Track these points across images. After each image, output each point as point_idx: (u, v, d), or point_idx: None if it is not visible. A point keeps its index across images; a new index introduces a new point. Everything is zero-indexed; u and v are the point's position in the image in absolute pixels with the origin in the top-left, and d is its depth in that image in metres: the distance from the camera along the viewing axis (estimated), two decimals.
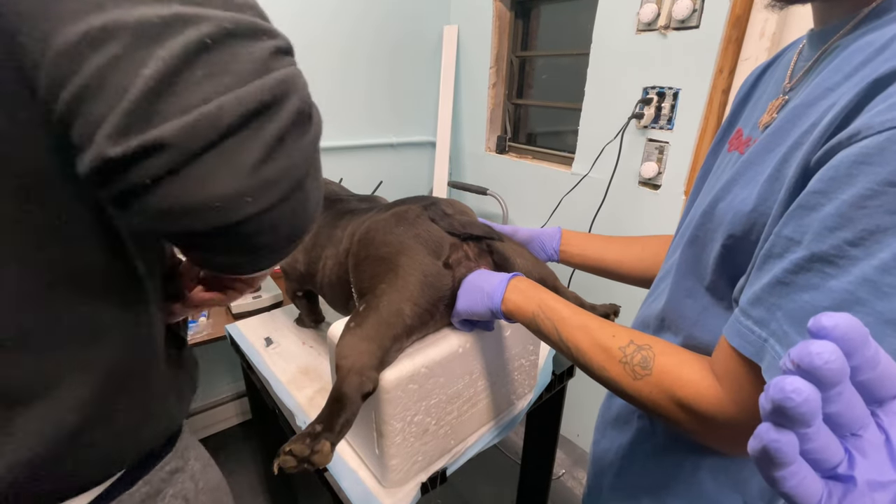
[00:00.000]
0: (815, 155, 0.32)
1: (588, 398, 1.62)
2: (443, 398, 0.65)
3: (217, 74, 0.26)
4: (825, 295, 0.29)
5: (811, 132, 0.33)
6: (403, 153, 2.04)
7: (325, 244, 0.78)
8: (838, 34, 0.37)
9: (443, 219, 0.64)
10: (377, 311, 0.56)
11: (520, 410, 0.82)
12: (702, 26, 1.11)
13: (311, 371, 0.90)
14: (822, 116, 0.33)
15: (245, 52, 0.27)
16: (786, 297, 0.31)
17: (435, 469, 0.68)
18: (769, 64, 0.51)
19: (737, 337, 0.35)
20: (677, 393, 0.39)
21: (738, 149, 0.46)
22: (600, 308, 0.64)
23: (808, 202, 0.31)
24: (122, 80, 0.25)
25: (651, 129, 1.27)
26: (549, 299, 0.52)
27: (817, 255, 0.30)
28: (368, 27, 1.74)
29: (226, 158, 0.27)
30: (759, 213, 0.36)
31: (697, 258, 0.44)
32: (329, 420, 0.49)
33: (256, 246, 0.32)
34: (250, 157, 0.28)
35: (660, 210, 1.29)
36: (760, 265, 0.34)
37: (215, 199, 0.27)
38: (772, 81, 0.47)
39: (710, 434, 0.39)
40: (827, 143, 0.31)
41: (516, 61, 1.82)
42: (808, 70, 0.40)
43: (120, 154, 0.25)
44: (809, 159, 0.32)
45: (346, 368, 0.53)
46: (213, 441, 1.76)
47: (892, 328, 0.27)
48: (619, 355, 0.43)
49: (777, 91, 0.44)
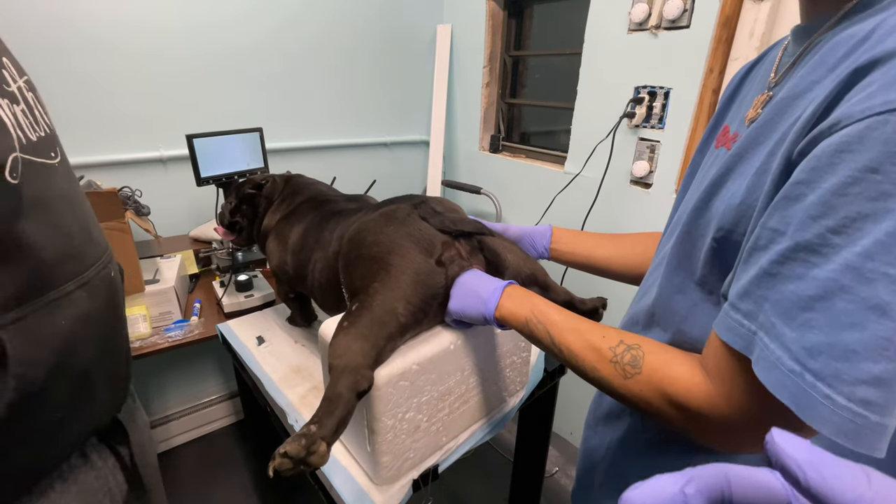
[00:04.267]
0: (797, 146, 0.32)
1: (581, 396, 1.63)
2: (434, 395, 0.65)
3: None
4: (810, 284, 0.29)
5: (795, 125, 0.33)
6: (397, 152, 2.03)
7: (313, 247, 0.78)
8: (823, 28, 0.37)
9: (433, 217, 0.64)
10: (370, 309, 0.56)
11: (511, 407, 0.82)
12: (692, 26, 1.12)
13: (302, 369, 0.89)
14: (805, 108, 0.33)
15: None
16: (772, 289, 0.32)
17: (427, 466, 0.68)
18: (755, 62, 0.51)
19: (727, 331, 0.35)
20: (667, 390, 0.39)
21: (724, 145, 0.47)
22: (589, 302, 0.65)
23: (791, 193, 0.31)
24: None
25: (642, 129, 1.28)
26: (541, 304, 0.52)
27: (801, 245, 0.30)
28: (362, 26, 1.74)
29: None
30: (747, 206, 0.37)
31: (688, 254, 0.44)
32: (324, 420, 0.49)
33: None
34: None
35: (651, 208, 1.30)
36: (747, 258, 0.35)
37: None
38: (757, 78, 0.48)
39: (702, 430, 0.39)
40: (808, 134, 0.31)
41: (509, 61, 1.83)
42: (792, 65, 0.41)
43: None
44: (792, 151, 0.32)
45: (341, 367, 0.52)
46: (204, 441, 1.74)
47: (877, 314, 0.27)
48: (610, 355, 0.43)
49: (762, 87, 0.44)
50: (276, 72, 1.60)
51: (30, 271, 0.42)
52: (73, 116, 1.29)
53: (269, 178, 0.97)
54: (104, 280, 0.53)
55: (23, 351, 0.40)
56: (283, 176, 0.98)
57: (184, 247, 1.41)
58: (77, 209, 0.50)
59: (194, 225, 1.53)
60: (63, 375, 0.46)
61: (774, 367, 0.30)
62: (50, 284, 0.44)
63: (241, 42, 1.51)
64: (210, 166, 1.17)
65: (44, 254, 0.43)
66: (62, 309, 0.45)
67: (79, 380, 0.48)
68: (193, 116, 1.48)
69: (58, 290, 0.45)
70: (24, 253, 0.42)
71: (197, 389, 1.73)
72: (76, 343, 0.47)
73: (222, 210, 1.01)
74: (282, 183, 0.95)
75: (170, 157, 1.45)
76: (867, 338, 0.27)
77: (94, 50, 1.28)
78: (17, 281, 0.41)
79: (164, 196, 1.46)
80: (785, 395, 0.30)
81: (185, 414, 1.71)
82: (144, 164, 1.43)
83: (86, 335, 0.49)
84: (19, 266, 0.41)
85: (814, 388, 0.29)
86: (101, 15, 1.26)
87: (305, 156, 1.76)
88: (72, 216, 0.49)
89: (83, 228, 0.51)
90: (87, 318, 0.49)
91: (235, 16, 1.47)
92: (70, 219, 0.49)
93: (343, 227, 0.71)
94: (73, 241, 0.48)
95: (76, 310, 0.47)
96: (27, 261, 0.42)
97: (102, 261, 0.53)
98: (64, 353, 0.45)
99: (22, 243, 0.41)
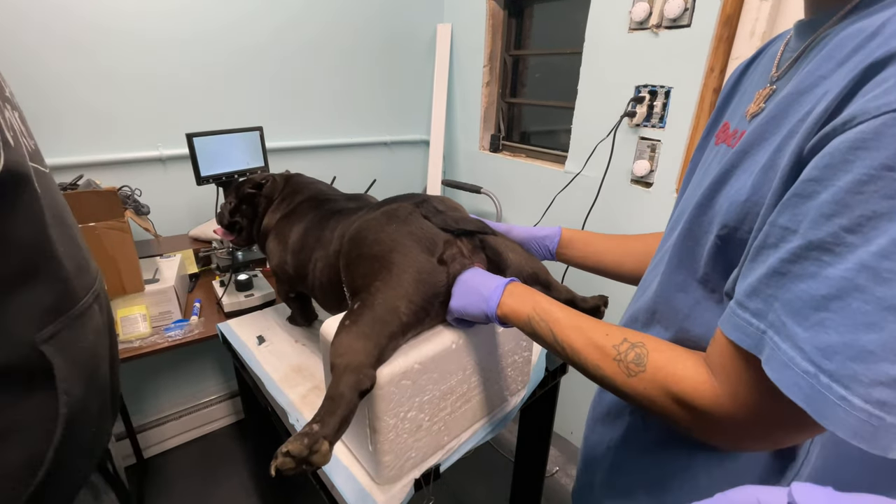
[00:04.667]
0: (808, 143, 0.31)
1: (582, 395, 1.63)
2: (436, 394, 0.65)
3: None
4: (823, 283, 0.29)
5: (804, 120, 0.33)
6: (397, 152, 2.03)
7: (313, 246, 0.77)
8: (829, 22, 0.37)
9: (435, 215, 0.64)
10: (372, 308, 0.56)
11: (513, 407, 0.82)
12: (693, 25, 1.12)
13: (303, 369, 0.89)
14: (815, 104, 0.33)
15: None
16: (783, 288, 0.31)
17: (428, 465, 0.68)
18: (753, 58, 0.51)
19: (734, 330, 0.35)
20: (672, 388, 0.39)
21: (725, 141, 0.47)
22: (591, 300, 0.65)
23: (803, 190, 0.31)
24: None
25: (643, 128, 1.28)
26: (543, 301, 0.52)
27: (814, 243, 0.30)
28: (362, 26, 1.74)
29: None
30: (753, 203, 0.36)
31: (690, 251, 0.44)
32: (326, 419, 0.49)
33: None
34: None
35: (652, 208, 1.30)
36: (755, 256, 0.34)
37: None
38: (756, 74, 0.47)
39: (707, 429, 0.39)
40: (821, 130, 0.31)
41: (510, 60, 1.82)
42: (796, 59, 0.40)
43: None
44: (803, 147, 0.32)
45: (343, 366, 0.52)
46: (205, 441, 1.74)
47: (894, 314, 0.27)
48: (613, 353, 0.43)
49: (764, 81, 0.44)
50: (276, 71, 1.60)
51: (60, 283, 0.41)
52: (72, 115, 1.28)
53: (269, 177, 0.96)
54: (105, 293, 0.52)
55: (63, 366, 0.39)
56: (282, 175, 0.98)
57: (183, 246, 1.41)
58: (72, 219, 0.50)
59: (194, 224, 1.53)
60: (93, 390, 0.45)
61: (787, 367, 0.30)
62: (75, 297, 0.44)
63: (242, 41, 1.51)
64: (210, 165, 1.17)
65: (68, 265, 0.43)
66: (86, 322, 0.45)
67: (102, 394, 0.48)
68: (193, 115, 1.48)
69: (81, 304, 0.44)
70: (54, 265, 0.41)
71: (197, 389, 1.72)
72: (98, 357, 0.47)
73: (221, 210, 1.00)
74: (282, 182, 0.95)
75: (169, 156, 1.44)
76: (884, 338, 0.27)
77: (94, 48, 1.27)
78: (52, 294, 0.40)
79: (164, 195, 1.46)
80: (799, 395, 0.29)
81: (185, 413, 1.70)
82: (144, 163, 1.42)
83: (103, 350, 0.49)
84: (51, 278, 0.40)
85: (829, 389, 0.28)
86: (101, 12, 1.26)
87: (306, 155, 1.76)
88: (75, 226, 0.49)
89: (81, 238, 0.50)
90: (101, 332, 0.48)
91: (237, 15, 1.47)
92: (74, 229, 0.48)
93: (344, 226, 0.71)
94: (81, 252, 0.48)
95: (94, 323, 0.47)
96: (58, 272, 0.41)
97: (99, 273, 0.52)
98: (91, 367, 0.45)
99: (53, 255, 0.41)
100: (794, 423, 0.33)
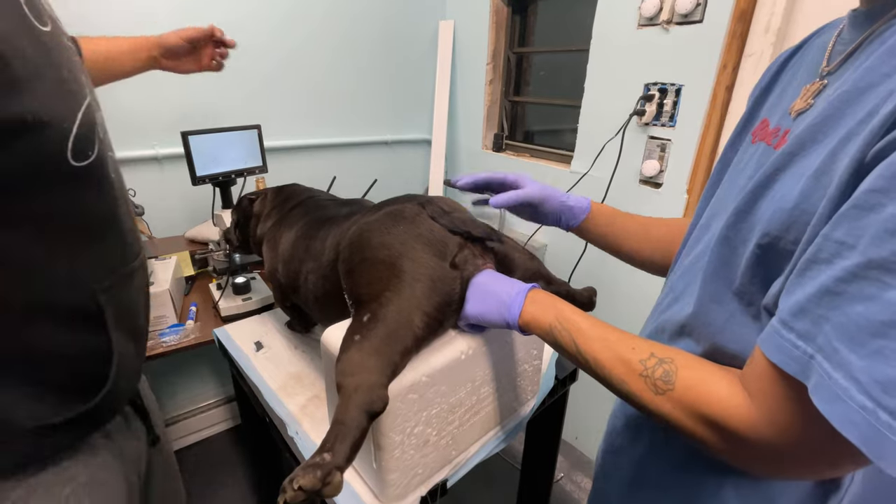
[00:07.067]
0: (872, 148, 0.28)
1: (587, 401, 1.59)
2: (444, 407, 0.61)
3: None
4: (882, 307, 0.26)
5: (867, 122, 0.29)
6: (399, 151, 2.00)
7: (303, 257, 0.74)
8: (890, 13, 0.34)
9: (443, 217, 0.60)
10: (385, 322, 0.51)
11: (523, 417, 0.79)
12: (705, 21, 1.09)
13: (303, 377, 0.86)
14: (879, 105, 0.29)
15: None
16: (835, 309, 0.28)
17: (435, 482, 0.65)
18: (795, 50, 0.47)
19: (777, 352, 0.31)
20: (703, 410, 0.36)
21: (764, 139, 0.43)
22: (586, 293, 0.64)
23: (864, 202, 0.27)
24: None
25: (653, 127, 1.25)
26: (567, 310, 0.49)
27: (875, 262, 0.26)
28: (363, 23, 1.70)
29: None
30: (801, 212, 0.33)
31: (726, 261, 0.40)
32: (336, 446, 0.44)
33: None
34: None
35: (662, 209, 1.27)
36: (803, 271, 0.31)
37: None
38: (801, 68, 0.44)
39: (740, 455, 0.36)
40: (888, 134, 0.27)
41: (513, 57, 1.79)
42: (851, 53, 0.37)
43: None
44: (865, 153, 0.29)
45: (353, 387, 0.48)
46: (200, 447, 1.70)
47: None
48: (640, 368, 0.40)
49: (811, 75, 0.41)
50: (275, 68, 1.56)
51: (120, 247, 0.52)
52: None
53: (263, 192, 0.97)
54: (146, 261, 0.61)
55: (112, 314, 0.49)
56: (275, 188, 0.98)
57: (179, 248, 1.37)
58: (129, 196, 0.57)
59: (190, 225, 1.49)
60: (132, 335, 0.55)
61: (839, 399, 0.27)
62: (128, 259, 0.53)
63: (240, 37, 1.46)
64: (206, 165, 1.13)
65: (127, 233, 0.53)
66: (133, 280, 0.55)
67: (139, 340, 0.58)
68: (190, 113, 1.44)
69: (131, 266, 0.54)
70: (117, 230, 0.51)
71: (193, 394, 1.69)
72: (138, 310, 0.57)
73: (229, 228, 1.01)
74: (273, 194, 0.95)
75: (165, 156, 1.40)
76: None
77: None
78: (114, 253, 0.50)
79: (159, 195, 1.42)
80: (853, 433, 0.26)
81: (181, 419, 1.67)
82: (139, 163, 1.38)
83: (142, 307, 0.59)
84: (116, 241, 0.51)
85: (889, 428, 0.25)
86: (96, 9, 1.22)
87: (305, 154, 1.72)
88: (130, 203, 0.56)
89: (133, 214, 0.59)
90: (142, 291, 0.59)
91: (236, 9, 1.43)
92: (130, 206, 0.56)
93: (338, 233, 0.67)
94: (133, 226, 0.56)
95: (138, 282, 0.56)
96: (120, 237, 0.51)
97: (144, 245, 0.61)
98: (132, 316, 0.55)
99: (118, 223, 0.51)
100: (843, 456, 0.30)
